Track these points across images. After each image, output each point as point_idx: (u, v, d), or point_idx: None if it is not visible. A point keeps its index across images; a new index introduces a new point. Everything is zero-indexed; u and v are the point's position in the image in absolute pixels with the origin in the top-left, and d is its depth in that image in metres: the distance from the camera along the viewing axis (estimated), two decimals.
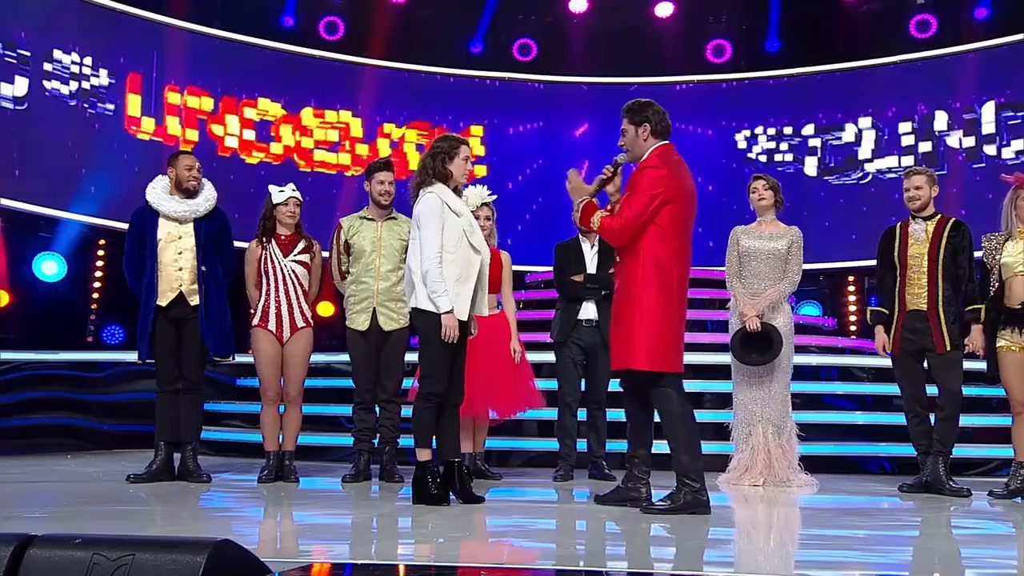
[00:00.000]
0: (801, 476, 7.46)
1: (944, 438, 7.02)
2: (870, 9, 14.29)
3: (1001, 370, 6.86)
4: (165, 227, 6.96)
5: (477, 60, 14.97)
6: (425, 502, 5.73)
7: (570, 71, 15.02)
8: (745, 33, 14.93)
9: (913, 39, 14.00)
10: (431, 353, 5.85)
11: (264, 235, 7.14)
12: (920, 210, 7.16)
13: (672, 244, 5.63)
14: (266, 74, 13.83)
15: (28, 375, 10.76)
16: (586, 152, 14.91)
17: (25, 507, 5.72)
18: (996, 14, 13.44)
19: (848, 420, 9.17)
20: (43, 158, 11.78)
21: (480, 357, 7.04)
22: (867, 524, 5.81)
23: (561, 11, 14.95)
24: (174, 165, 7.05)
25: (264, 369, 7.11)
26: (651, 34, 14.98)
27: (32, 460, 9.11)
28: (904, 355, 7.14)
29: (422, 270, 5.80)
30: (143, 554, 3.16)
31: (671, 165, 5.73)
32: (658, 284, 5.58)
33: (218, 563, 3.16)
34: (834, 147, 14.36)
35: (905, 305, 7.11)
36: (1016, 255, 6.82)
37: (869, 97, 14.20)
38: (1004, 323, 6.83)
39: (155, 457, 7.07)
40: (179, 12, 13.18)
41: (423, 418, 5.88)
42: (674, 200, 5.63)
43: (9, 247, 11.73)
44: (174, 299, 6.94)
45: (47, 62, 11.83)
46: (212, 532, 4.95)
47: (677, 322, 5.69)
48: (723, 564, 4.56)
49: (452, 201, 5.89)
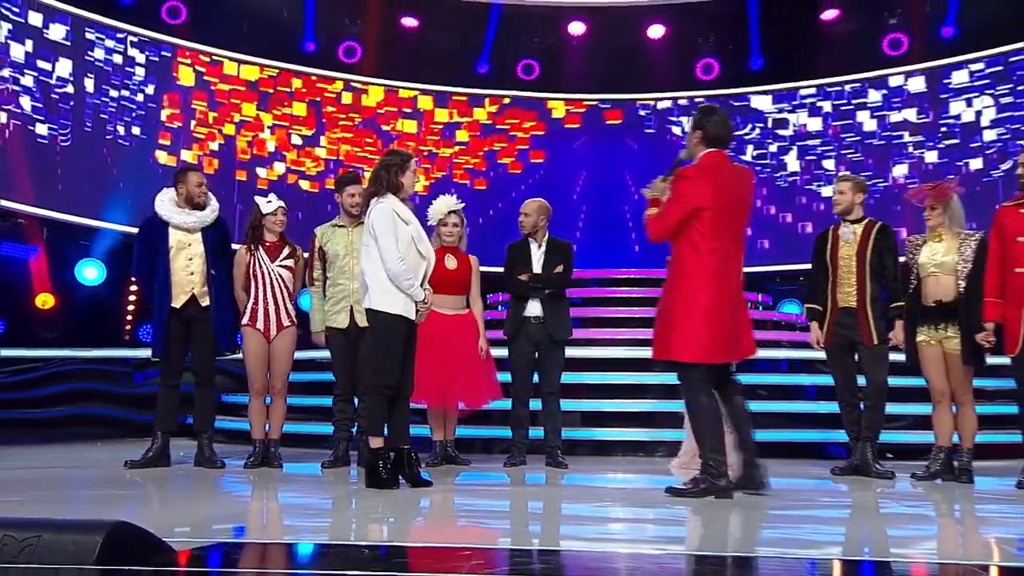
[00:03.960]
0: None
1: (871, 425, 6.96)
2: (846, 29, 14.18)
3: (920, 363, 6.80)
4: (175, 236, 7.03)
5: (484, 80, 15.00)
6: (376, 486, 5.74)
7: (568, 89, 15.05)
8: (731, 52, 14.85)
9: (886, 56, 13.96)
10: (383, 350, 5.85)
11: (252, 242, 7.19)
12: (843, 214, 7.11)
13: (710, 245, 5.50)
14: None
15: (71, 370, 10.96)
16: (583, 162, 14.98)
17: (12, 492, 5.76)
18: (961, 34, 13.38)
19: (816, 409, 9.09)
20: (83, 174, 11.98)
21: (450, 354, 7.09)
22: (804, 504, 5.78)
23: (561, 34, 14.94)
24: (184, 181, 7.11)
25: (251, 364, 7.15)
26: (644, 54, 14.96)
27: (67, 447, 9.25)
28: (836, 348, 7.09)
29: (390, 273, 5.81)
30: (48, 535, 3.20)
31: (711, 173, 5.59)
32: (691, 283, 5.53)
33: (114, 543, 3.20)
34: (816, 155, 14.31)
35: (837, 302, 7.05)
36: (929, 256, 6.78)
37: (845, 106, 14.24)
38: (921, 319, 6.79)
39: (152, 445, 7.13)
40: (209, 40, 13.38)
41: (375, 409, 5.88)
42: (711, 207, 5.50)
43: (53, 255, 11.92)
44: (187, 301, 7.02)
45: (89, 96, 12.08)
46: (158, 511, 5.03)
47: (711, 318, 5.54)
48: (675, 541, 4.58)
49: (402, 211, 5.92)
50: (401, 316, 5.84)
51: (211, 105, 13.33)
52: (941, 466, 6.75)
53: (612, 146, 14.90)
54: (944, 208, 6.79)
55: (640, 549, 4.18)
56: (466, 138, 14.93)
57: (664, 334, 5.64)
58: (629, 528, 4.96)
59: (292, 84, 14.08)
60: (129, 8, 12.74)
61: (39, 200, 11.66)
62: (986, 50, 13.22)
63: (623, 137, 14.97)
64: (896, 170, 13.72)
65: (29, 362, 10.86)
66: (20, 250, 11.75)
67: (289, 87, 14.06)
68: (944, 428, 6.80)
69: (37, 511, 4.56)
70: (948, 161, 13.36)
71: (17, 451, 8.76)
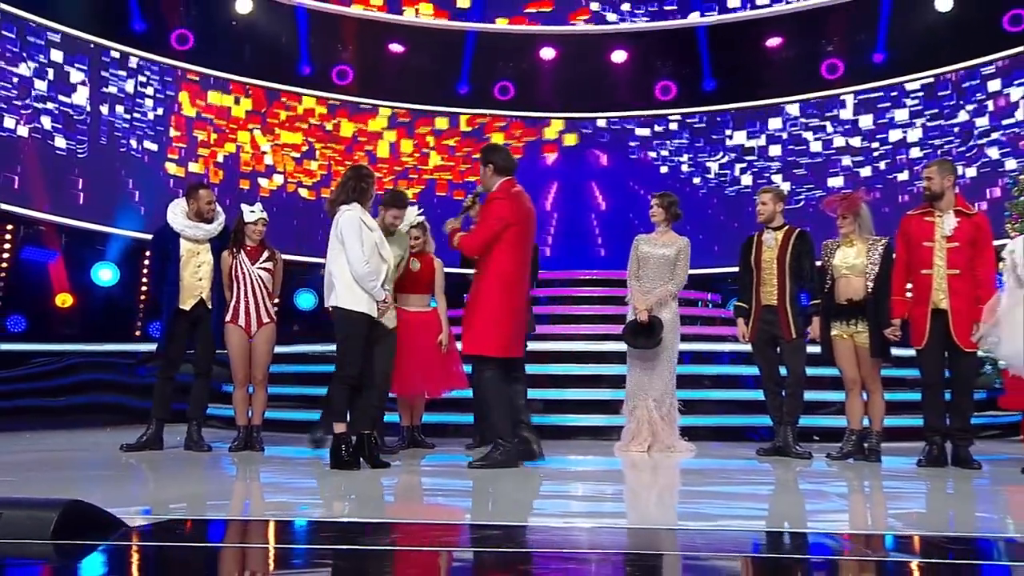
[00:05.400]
0: (682, 443, 7.42)
1: (791, 410, 6.99)
2: (788, 55, 14.21)
3: (834, 354, 6.82)
4: (186, 246, 7.07)
5: (464, 100, 14.99)
6: (339, 467, 5.76)
7: (541, 107, 15.05)
8: (687, 75, 14.85)
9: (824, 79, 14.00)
10: (346, 343, 5.87)
11: (235, 246, 7.20)
12: (767, 222, 7.13)
13: (511, 256, 6.01)
14: None
15: (87, 362, 10.94)
16: (555, 175, 14.97)
17: (8, 473, 5.76)
18: (889, 59, 13.43)
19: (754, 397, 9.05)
20: (98, 184, 11.97)
21: (415, 347, 7.08)
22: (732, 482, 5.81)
23: (534, 58, 14.94)
24: (195, 198, 7.14)
25: (235, 357, 7.15)
26: (609, 76, 14.98)
27: (79, 432, 9.23)
28: (760, 342, 7.10)
29: (356, 275, 5.83)
30: (8, 512, 3.21)
31: (513, 196, 6.10)
32: (491, 289, 5.98)
33: (69, 519, 3.21)
34: (760, 168, 14.32)
35: (760, 301, 7.07)
36: (842, 260, 6.80)
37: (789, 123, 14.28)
38: (835, 316, 6.80)
39: (146, 430, 7.12)
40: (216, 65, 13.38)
41: (338, 397, 5.89)
42: (516, 223, 6.03)
43: (71, 258, 11.91)
44: (195, 304, 7.06)
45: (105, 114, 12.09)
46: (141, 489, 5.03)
47: (508, 320, 6.04)
48: (616, 515, 4.61)
49: (367, 219, 5.97)
50: (364, 313, 5.86)
51: (213, 130, 13.31)
52: (853, 447, 6.78)
53: (580, 160, 14.90)
54: (855, 216, 6.81)
55: (595, 523, 4.23)
56: (437, 159, 14.83)
57: (469, 332, 6.09)
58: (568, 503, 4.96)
59: (280, 116, 14.00)
60: (141, 35, 12.73)
61: (58, 209, 11.65)
62: (912, 74, 13.26)
63: (590, 152, 14.99)
64: (832, 181, 13.72)
65: (49, 356, 10.84)
66: (41, 254, 11.72)
67: (278, 117, 14.00)
68: (855, 413, 6.82)
69: (19, 490, 4.55)
70: (879, 175, 13.39)
71: (34, 436, 8.76)
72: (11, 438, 8.30)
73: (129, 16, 12.61)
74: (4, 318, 11.28)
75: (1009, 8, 12.21)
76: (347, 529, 3.70)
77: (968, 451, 6.33)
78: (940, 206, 6.40)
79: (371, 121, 14.56)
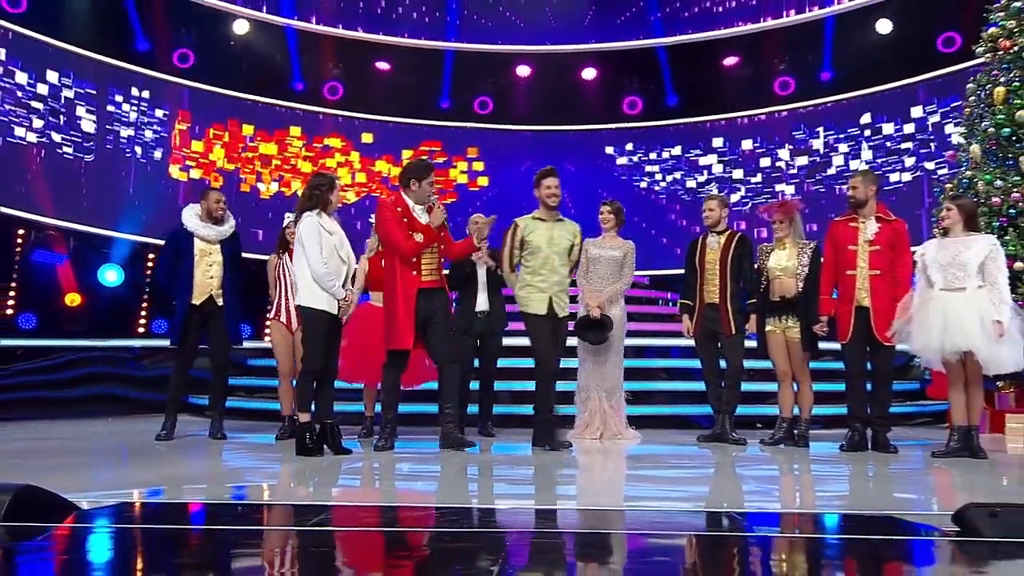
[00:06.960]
0: (629, 431, 7.38)
1: (729, 400, 6.96)
2: (743, 73, 14.21)
3: (768, 348, 6.80)
4: (199, 246, 7.03)
5: (446, 113, 14.95)
6: (304, 454, 5.72)
7: (517, 121, 15.01)
8: (651, 91, 14.84)
9: (777, 95, 13.98)
10: (311, 339, 5.82)
11: (280, 249, 7.23)
12: (713, 226, 7.11)
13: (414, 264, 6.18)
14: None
15: (93, 356, 10.85)
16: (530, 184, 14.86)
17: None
18: (835, 77, 13.42)
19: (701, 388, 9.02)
20: (104, 191, 11.90)
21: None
22: (675, 466, 5.77)
23: (510, 75, 14.92)
24: (206, 199, 7.12)
25: (279, 351, 7.20)
26: (580, 92, 14.95)
27: (84, 422, 9.16)
28: (702, 337, 7.08)
29: (314, 276, 5.79)
30: None
31: None
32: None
33: (22, 503, 3.15)
34: (718, 176, 14.30)
35: (703, 299, 7.05)
36: (776, 261, 6.79)
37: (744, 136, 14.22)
38: (769, 313, 6.78)
39: (165, 420, 7.04)
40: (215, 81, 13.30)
41: (304, 389, 5.85)
42: None
43: (78, 261, 11.83)
44: (205, 300, 7.01)
45: (109, 123, 11.99)
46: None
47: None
48: (567, 497, 4.58)
49: (327, 223, 5.92)
50: (325, 311, 5.81)
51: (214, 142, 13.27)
52: (784, 433, 6.77)
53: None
54: (789, 222, 6.79)
55: (552, 504, 4.23)
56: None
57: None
58: (529, 486, 4.91)
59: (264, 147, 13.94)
60: (144, 55, 12.66)
61: (65, 214, 11.58)
62: (856, 91, 13.26)
63: (562, 162, 14.93)
64: (781, 188, 13.72)
65: (58, 351, 10.76)
66: (50, 257, 11.64)
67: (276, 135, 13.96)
68: (786, 402, 6.81)
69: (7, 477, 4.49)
70: (824, 182, 13.38)
71: (39, 425, 8.69)
72: (21, 426, 8.26)
73: (134, 37, 12.57)
74: (16, 316, 11.20)
75: (943, 31, 12.26)
76: (294, 511, 3.66)
77: (886, 437, 6.31)
78: (863, 213, 6.39)
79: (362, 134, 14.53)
